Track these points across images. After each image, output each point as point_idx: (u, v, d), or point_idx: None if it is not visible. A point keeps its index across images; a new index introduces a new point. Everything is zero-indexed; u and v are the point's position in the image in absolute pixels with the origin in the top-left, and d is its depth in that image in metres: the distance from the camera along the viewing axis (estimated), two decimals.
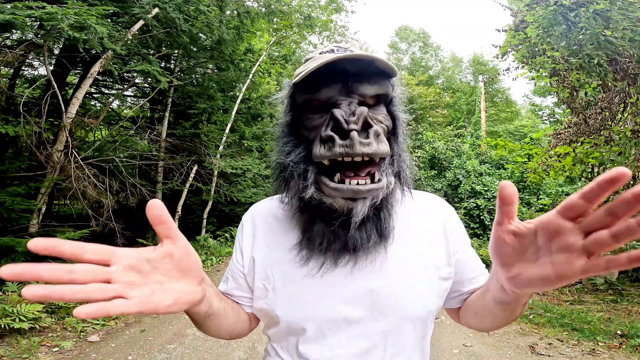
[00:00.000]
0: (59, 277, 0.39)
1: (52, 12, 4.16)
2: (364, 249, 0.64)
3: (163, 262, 0.48)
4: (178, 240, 0.49)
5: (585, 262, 0.41)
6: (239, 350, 3.42)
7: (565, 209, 0.42)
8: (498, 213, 0.47)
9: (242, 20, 7.86)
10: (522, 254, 0.47)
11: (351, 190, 0.59)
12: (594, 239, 0.40)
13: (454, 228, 0.75)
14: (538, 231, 0.45)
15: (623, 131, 4.34)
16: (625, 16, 3.27)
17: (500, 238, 0.48)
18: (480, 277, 0.74)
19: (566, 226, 0.42)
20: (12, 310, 3.43)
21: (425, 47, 27.32)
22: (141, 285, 0.45)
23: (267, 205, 0.79)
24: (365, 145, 0.57)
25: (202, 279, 0.55)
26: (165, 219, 0.47)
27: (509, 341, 3.72)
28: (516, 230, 0.46)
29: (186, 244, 0.51)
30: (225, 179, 9.87)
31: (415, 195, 0.75)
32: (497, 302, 0.59)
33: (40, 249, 0.37)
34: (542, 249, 0.45)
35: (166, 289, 0.48)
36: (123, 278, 0.43)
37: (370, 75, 0.63)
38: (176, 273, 0.49)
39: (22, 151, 6.11)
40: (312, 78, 0.62)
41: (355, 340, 0.65)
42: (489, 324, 0.69)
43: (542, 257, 0.45)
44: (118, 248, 0.44)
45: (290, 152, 0.67)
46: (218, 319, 0.65)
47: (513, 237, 0.47)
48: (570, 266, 0.42)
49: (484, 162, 13.76)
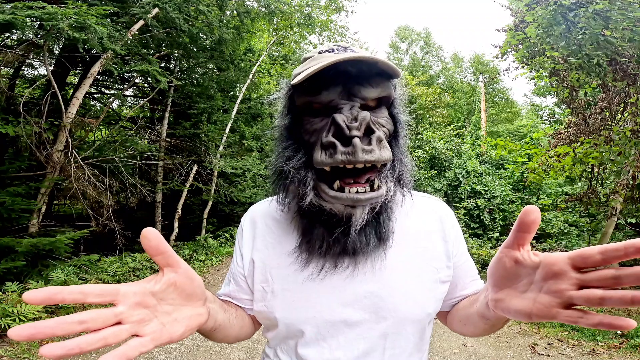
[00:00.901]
0: (71, 330, 0.38)
1: (52, 12, 4.16)
2: (364, 253, 0.64)
3: (167, 292, 0.47)
4: (179, 267, 0.48)
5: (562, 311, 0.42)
6: (239, 350, 3.42)
7: (580, 259, 0.40)
8: (511, 237, 0.45)
9: (242, 20, 7.85)
10: (515, 283, 0.47)
11: (350, 199, 0.58)
12: (585, 296, 0.40)
13: (452, 230, 0.74)
14: (540, 267, 0.44)
15: (623, 131, 4.34)
16: (624, 16, 3.27)
17: (502, 261, 0.47)
18: (471, 284, 0.74)
19: (569, 274, 0.41)
20: (12, 310, 3.43)
21: (426, 47, 27.31)
22: (151, 319, 0.45)
23: (266, 207, 0.78)
24: (368, 152, 0.56)
25: (206, 299, 0.55)
26: (163, 248, 0.45)
27: (509, 341, 3.72)
28: (520, 260, 0.46)
29: (187, 269, 0.50)
30: (225, 179, 9.87)
31: (414, 196, 0.74)
32: (479, 315, 0.60)
33: (38, 301, 0.37)
34: (534, 285, 0.45)
35: (175, 318, 0.48)
36: (133, 317, 0.43)
37: (372, 77, 0.62)
38: (181, 300, 0.49)
39: (22, 151, 6.11)
40: (312, 80, 0.60)
41: (354, 342, 0.64)
42: (470, 332, 0.70)
43: (530, 291, 0.45)
44: (121, 285, 0.43)
45: (290, 157, 0.65)
46: (224, 330, 0.65)
47: (514, 264, 0.46)
48: (547, 309, 0.43)
49: (484, 162, 13.76)
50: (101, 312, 0.41)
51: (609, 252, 0.38)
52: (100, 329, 0.40)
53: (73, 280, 4.35)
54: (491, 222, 10.66)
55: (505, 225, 10.60)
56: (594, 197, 5.79)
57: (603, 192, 5.86)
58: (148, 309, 0.45)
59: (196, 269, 6.72)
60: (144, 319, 0.44)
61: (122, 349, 0.40)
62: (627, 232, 8.22)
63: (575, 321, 0.40)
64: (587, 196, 5.82)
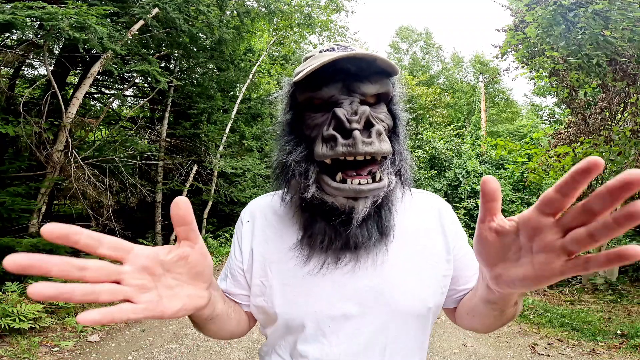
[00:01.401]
0: (68, 273, 0.36)
1: (52, 12, 4.17)
2: (365, 247, 0.64)
3: (177, 265, 0.46)
4: (197, 242, 0.48)
5: (564, 262, 0.39)
6: (239, 350, 3.42)
7: (542, 204, 0.39)
8: (481, 210, 0.44)
9: (242, 20, 7.86)
10: (505, 253, 0.45)
11: (353, 190, 0.59)
12: (571, 238, 0.38)
13: (451, 225, 0.75)
14: (520, 229, 0.43)
15: (622, 131, 4.34)
16: (624, 16, 3.27)
17: (482, 236, 0.46)
18: (474, 276, 0.74)
19: (545, 223, 0.40)
20: (12, 310, 3.43)
21: (426, 47, 27.32)
22: (151, 288, 0.43)
23: (266, 201, 0.78)
24: (368, 144, 0.57)
25: (211, 283, 0.54)
26: (189, 220, 0.45)
27: (509, 341, 3.72)
28: (498, 229, 0.44)
29: (203, 247, 0.49)
30: (225, 179, 9.87)
31: (413, 193, 0.76)
32: (484, 301, 0.58)
33: (55, 236, 0.35)
34: (524, 249, 0.43)
35: (175, 294, 0.46)
36: (135, 281, 0.42)
37: (371, 74, 0.63)
38: (187, 277, 0.48)
39: (22, 151, 6.11)
40: (314, 76, 0.62)
41: (355, 338, 0.65)
42: (479, 324, 0.68)
43: (523, 256, 0.43)
44: (135, 245, 0.43)
45: (291, 151, 0.66)
46: (220, 322, 0.65)
47: (495, 236, 0.44)
48: (549, 266, 0.40)
49: (484, 162, 13.76)
50: (104, 264, 0.39)
51: (562, 186, 0.37)
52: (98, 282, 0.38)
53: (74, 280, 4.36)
54: None
55: None
56: None
57: None
58: (152, 277, 0.44)
59: None
60: (144, 285, 0.42)
61: (111, 309, 0.37)
62: (627, 232, 8.22)
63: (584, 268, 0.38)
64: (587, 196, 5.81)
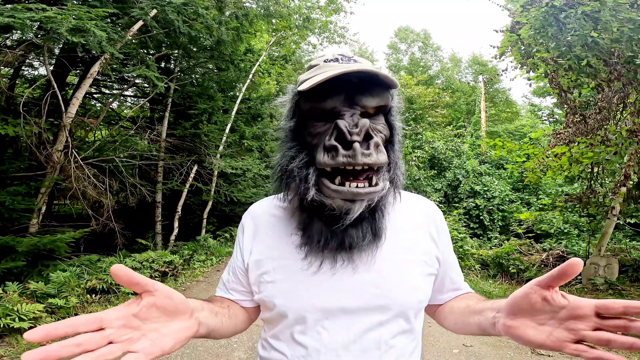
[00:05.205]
0: (72, 353, 0.43)
1: (52, 17, 4.17)
2: (359, 248, 0.69)
3: (150, 313, 0.51)
4: (156, 290, 0.52)
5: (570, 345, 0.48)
6: (239, 350, 3.43)
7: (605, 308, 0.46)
8: (547, 278, 0.50)
9: (241, 22, 7.87)
10: (535, 315, 0.51)
11: (351, 192, 0.63)
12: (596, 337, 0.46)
13: (440, 228, 0.81)
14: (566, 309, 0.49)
15: (619, 131, 4.35)
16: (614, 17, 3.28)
17: (529, 296, 0.51)
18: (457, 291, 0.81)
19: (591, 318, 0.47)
20: (12, 310, 3.44)
21: (425, 47, 27.32)
22: (140, 338, 0.49)
23: (266, 204, 0.84)
24: (367, 155, 0.62)
25: (192, 310, 0.59)
26: (135, 279, 0.49)
27: (509, 341, 3.72)
28: (549, 300, 0.50)
29: (165, 289, 0.53)
30: (225, 179, 9.87)
31: (407, 195, 0.82)
32: (480, 328, 0.67)
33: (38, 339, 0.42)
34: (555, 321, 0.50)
35: (164, 333, 0.52)
36: (122, 337, 0.48)
37: (372, 87, 0.68)
38: (165, 317, 0.54)
39: (22, 151, 6.12)
40: (318, 87, 0.66)
41: (351, 328, 0.69)
42: (459, 332, 0.77)
43: (548, 325, 0.50)
44: (102, 313, 0.47)
45: (294, 157, 0.71)
46: (217, 333, 0.71)
47: (541, 302, 0.50)
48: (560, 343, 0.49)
49: (483, 162, 13.77)
50: (93, 336, 0.45)
51: (631, 308, 0.44)
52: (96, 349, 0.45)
53: (73, 280, 4.36)
54: (490, 222, 10.67)
55: (505, 226, 10.60)
56: (593, 197, 5.80)
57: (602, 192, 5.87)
58: (134, 329, 0.49)
59: (196, 269, 6.73)
60: (132, 337, 0.49)
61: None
62: (627, 232, 8.21)
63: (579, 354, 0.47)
64: (587, 196, 5.83)
